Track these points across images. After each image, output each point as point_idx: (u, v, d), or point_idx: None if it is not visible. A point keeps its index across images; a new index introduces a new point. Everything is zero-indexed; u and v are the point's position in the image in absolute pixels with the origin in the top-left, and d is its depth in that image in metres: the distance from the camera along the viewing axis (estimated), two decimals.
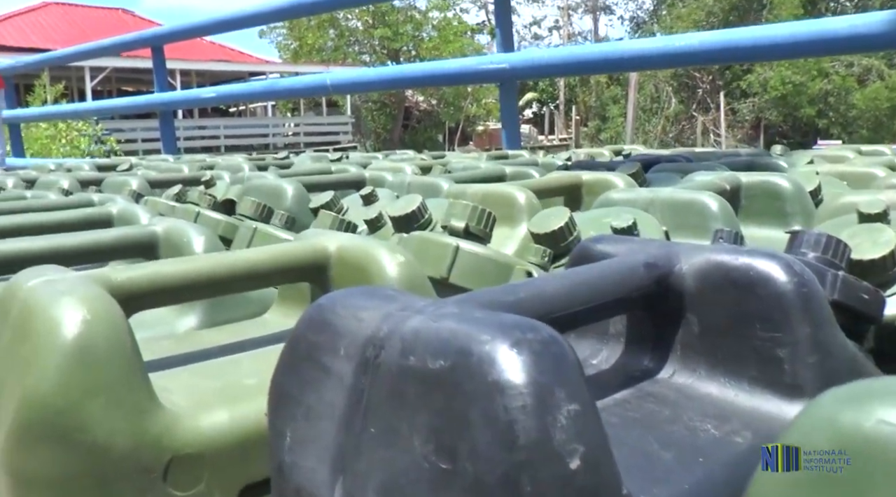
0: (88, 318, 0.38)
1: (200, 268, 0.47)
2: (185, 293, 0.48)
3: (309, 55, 24.88)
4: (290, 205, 1.08)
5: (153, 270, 0.46)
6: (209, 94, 3.95)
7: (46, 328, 0.38)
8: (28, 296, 0.41)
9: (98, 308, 0.39)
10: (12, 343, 0.40)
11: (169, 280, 0.46)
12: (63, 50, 5.21)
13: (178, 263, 0.48)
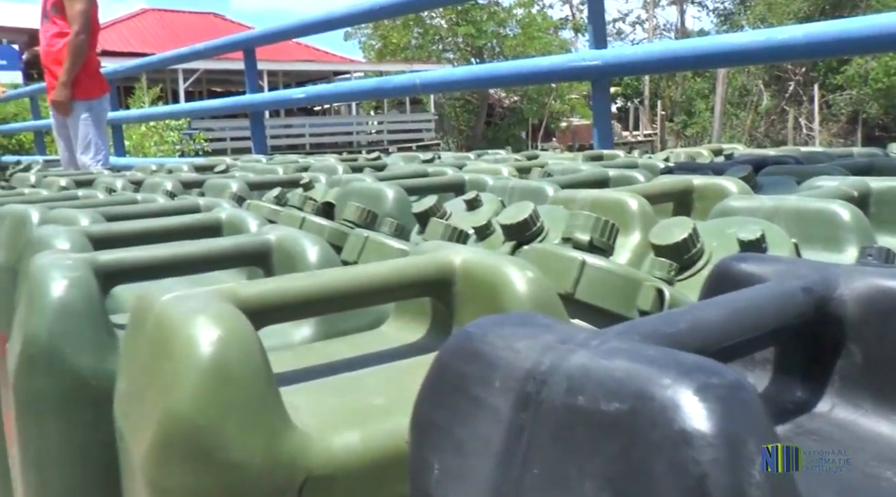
0: (224, 336, 0.38)
1: (326, 283, 0.47)
2: (311, 308, 0.48)
3: (393, 54, 25.14)
4: (390, 209, 1.08)
5: (279, 286, 0.46)
6: (299, 95, 4.02)
7: (184, 347, 0.38)
8: (163, 311, 0.41)
9: (232, 326, 0.39)
10: (152, 359, 0.40)
11: (295, 295, 0.45)
12: (163, 53, 5.39)
13: (304, 279, 0.48)
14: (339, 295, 0.47)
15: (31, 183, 2.02)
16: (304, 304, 0.46)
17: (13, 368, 0.56)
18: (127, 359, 0.46)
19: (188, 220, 0.85)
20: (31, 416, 0.56)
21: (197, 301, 0.41)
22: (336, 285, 0.47)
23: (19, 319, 0.58)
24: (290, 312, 0.47)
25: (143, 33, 21.31)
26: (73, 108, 4.26)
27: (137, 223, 0.83)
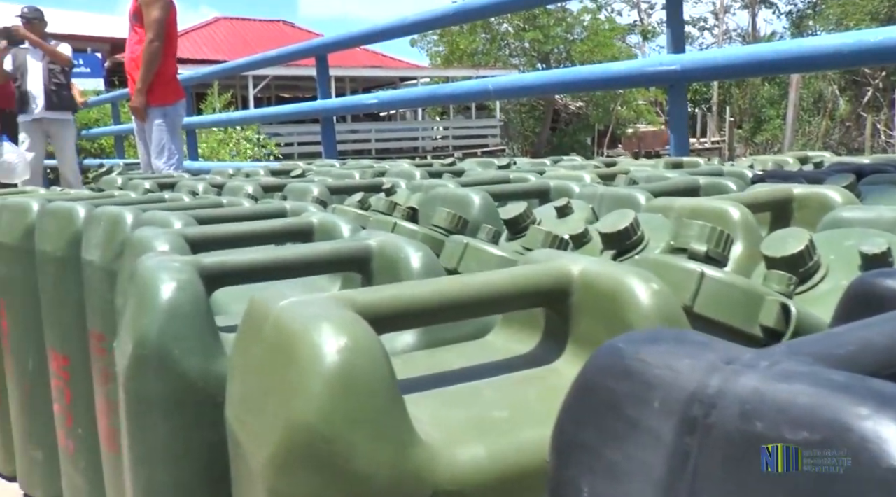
0: (350, 345, 0.37)
1: (444, 291, 0.46)
2: (430, 317, 0.47)
3: (459, 60, 25.20)
4: (477, 215, 1.06)
5: (396, 293, 0.45)
6: (371, 101, 4.05)
7: (309, 354, 0.37)
8: (281, 317, 0.41)
9: (357, 334, 0.38)
10: (272, 365, 0.40)
11: (414, 303, 0.44)
12: (240, 60, 5.50)
13: (420, 286, 0.47)
14: (458, 304, 0.46)
15: (117, 185, 2.07)
16: (423, 313, 0.45)
17: (124, 368, 0.57)
18: (240, 363, 0.46)
19: (280, 223, 0.85)
20: (140, 414, 0.56)
21: (316, 307, 0.40)
22: (454, 294, 0.46)
23: (129, 320, 0.58)
24: (408, 320, 0.46)
25: (215, 41, 21.85)
26: (149, 113, 4.38)
27: (232, 226, 0.84)
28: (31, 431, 1.56)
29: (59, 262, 1.34)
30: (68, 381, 1.39)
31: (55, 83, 5.99)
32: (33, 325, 1.48)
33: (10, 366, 1.59)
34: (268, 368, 0.40)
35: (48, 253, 1.37)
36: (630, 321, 0.45)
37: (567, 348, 0.49)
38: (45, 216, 1.40)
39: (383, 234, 0.68)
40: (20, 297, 1.51)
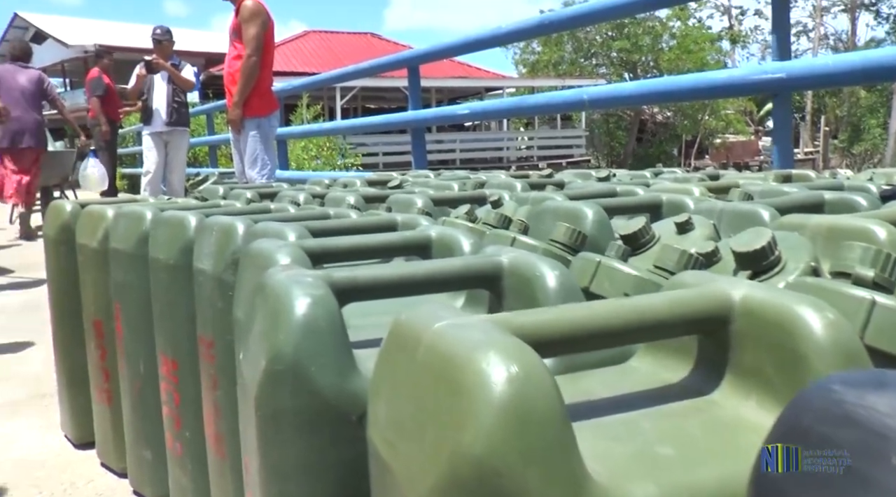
0: (521, 373, 0.35)
1: (601, 315, 0.43)
2: (587, 342, 0.44)
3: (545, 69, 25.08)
4: (591, 230, 1.03)
5: (554, 317, 0.43)
6: (462, 111, 4.05)
7: (477, 383, 0.35)
8: (439, 341, 0.39)
9: (527, 362, 0.36)
10: (431, 392, 0.38)
11: (572, 328, 0.42)
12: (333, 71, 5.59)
13: (577, 310, 0.44)
14: (618, 329, 0.43)
15: (220, 195, 2.12)
16: (584, 338, 0.43)
17: (256, 382, 0.56)
18: (387, 384, 0.44)
19: (398, 237, 0.84)
20: (273, 429, 0.56)
21: (477, 331, 0.38)
22: (614, 319, 0.43)
23: (261, 334, 0.58)
24: (568, 346, 0.44)
25: (305, 54, 22.38)
26: (244, 125, 4.50)
27: (350, 239, 0.84)
28: (141, 431, 1.60)
29: (171, 269, 1.37)
30: (177, 385, 1.42)
31: (177, 101, 6.58)
32: (145, 329, 1.52)
33: (124, 367, 1.64)
34: (425, 394, 0.39)
35: (161, 260, 1.40)
36: (804, 354, 0.41)
37: (726, 379, 0.46)
38: (159, 225, 1.43)
39: (513, 250, 0.66)
40: (134, 301, 1.56)
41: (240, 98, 4.42)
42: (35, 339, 3.10)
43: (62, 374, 2.04)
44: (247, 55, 4.35)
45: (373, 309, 0.69)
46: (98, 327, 1.79)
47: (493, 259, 0.64)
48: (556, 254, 0.84)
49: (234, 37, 4.50)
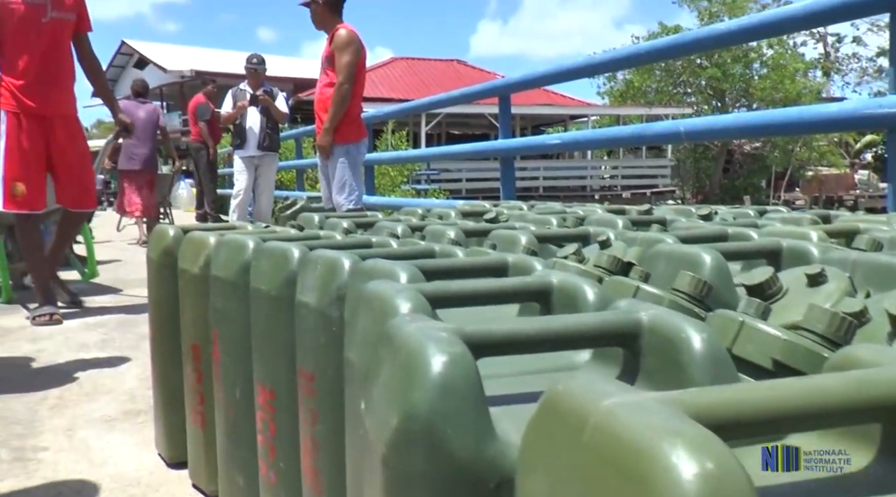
0: (716, 472, 0.31)
1: (785, 397, 0.39)
2: (770, 427, 0.40)
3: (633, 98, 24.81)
4: (709, 278, 0.98)
5: (735, 398, 0.38)
6: (553, 141, 4.02)
7: (669, 481, 0.31)
8: (613, 423, 0.36)
9: (721, 458, 0.32)
10: (607, 482, 0.35)
11: (756, 412, 0.38)
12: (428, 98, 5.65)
13: (767, 390, 0.40)
14: (803, 414, 0.39)
15: (316, 223, 2.14)
16: (767, 423, 0.39)
17: (385, 440, 0.54)
18: (541, 461, 0.41)
19: (519, 283, 0.81)
20: (404, 489, 0.53)
21: (656, 414, 0.35)
22: (799, 401, 0.39)
23: (391, 389, 0.56)
24: (750, 431, 0.39)
25: (392, 80, 22.77)
26: (333, 151, 4.57)
27: (469, 284, 0.81)
28: (234, 457, 1.61)
29: (273, 300, 1.37)
30: (274, 415, 1.42)
31: (269, 127, 7.00)
32: (243, 357, 1.53)
33: (219, 392, 1.65)
34: (596, 481, 0.35)
35: (262, 290, 1.41)
36: None
37: None
38: (261, 255, 1.44)
39: (650, 306, 0.62)
40: (232, 329, 1.57)
41: (330, 125, 4.50)
42: (130, 354, 3.19)
43: (158, 393, 2.08)
44: (339, 83, 4.44)
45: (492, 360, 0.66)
46: (195, 351, 1.82)
47: (631, 316, 0.60)
48: (682, 305, 0.80)
49: (327, 64, 4.59)
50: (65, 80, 3.85)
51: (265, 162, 7.04)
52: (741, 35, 3.07)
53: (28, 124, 3.74)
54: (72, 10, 3.85)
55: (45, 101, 3.76)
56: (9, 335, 3.63)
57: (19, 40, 3.68)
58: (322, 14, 4.58)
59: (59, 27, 3.77)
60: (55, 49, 3.77)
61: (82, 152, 3.98)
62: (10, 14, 3.65)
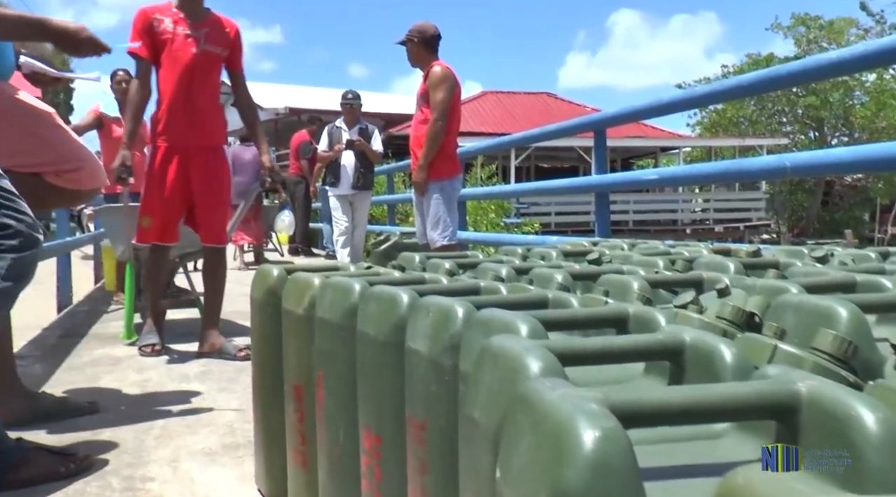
0: None
1: None
2: None
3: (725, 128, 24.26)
4: (847, 336, 0.91)
5: None
6: (650, 176, 3.93)
7: None
8: None
9: None
10: None
11: None
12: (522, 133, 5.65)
13: None
14: None
15: (416, 263, 2.13)
16: None
17: None
18: None
19: (651, 341, 0.78)
20: None
21: None
22: None
23: (538, 464, 0.53)
24: None
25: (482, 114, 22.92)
26: (428, 187, 4.60)
27: (599, 342, 0.78)
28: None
29: (381, 345, 1.37)
30: (380, 461, 1.41)
31: (364, 167, 7.15)
32: (348, 400, 1.53)
33: (322, 434, 1.66)
34: None
35: (370, 335, 1.41)
36: None
37: None
38: (369, 299, 1.44)
39: (807, 375, 0.58)
40: (337, 371, 1.58)
41: (425, 161, 4.54)
42: (229, 386, 3.26)
43: (259, 430, 2.11)
44: (433, 119, 4.48)
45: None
46: (298, 391, 1.83)
47: (789, 388, 0.56)
48: (826, 369, 0.75)
49: (422, 101, 4.64)
50: (210, 113, 3.80)
51: (359, 199, 7.20)
52: (857, 63, 2.93)
53: (170, 156, 3.72)
54: (225, 45, 3.80)
55: (189, 133, 3.72)
56: (118, 364, 3.77)
57: (169, 72, 3.67)
58: (418, 52, 4.65)
59: (210, 60, 3.74)
60: (203, 82, 3.73)
61: (222, 187, 3.89)
62: (163, 45, 3.66)
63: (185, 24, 3.68)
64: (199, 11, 3.76)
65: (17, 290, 1.99)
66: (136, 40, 3.59)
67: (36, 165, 2.40)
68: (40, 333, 4.95)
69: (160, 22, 3.65)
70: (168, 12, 3.70)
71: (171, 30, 3.65)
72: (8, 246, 1.93)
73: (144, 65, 3.68)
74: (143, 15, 3.65)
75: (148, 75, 3.70)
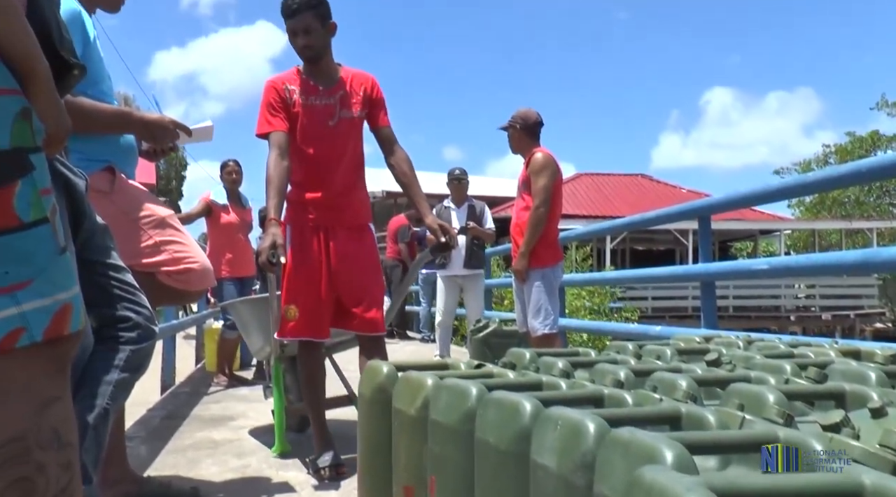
0: None
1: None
2: None
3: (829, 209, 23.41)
4: None
5: None
6: (761, 266, 3.77)
7: None
8: None
9: None
10: None
11: None
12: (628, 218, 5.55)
13: None
14: None
15: (526, 361, 2.08)
16: None
17: None
18: None
19: (827, 483, 0.71)
20: None
21: None
22: None
23: None
24: None
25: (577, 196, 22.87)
26: (529, 275, 4.55)
27: (769, 480, 0.72)
28: None
29: (502, 455, 1.32)
30: None
31: (475, 244, 6.93)
32: None
33: None
34: None
35: (490, 443, 1.36)
36: None
37: None
38: (488, 405, 1.40)
39: None
40: (452, 476, 1.53)
41: (526, 249, 4.50)
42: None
43: None
44: (535, 206, 4.46)
45: None
46: (409, 493, 1.79)
47: None
48: None
49: (524, 188, 4.64)
50: (353, 188, 3.32)
51: (470, 280, 7.00)
52: None
53: (310, 239, 3.25)
54: (363, 105, 3.31)
55: (329, 212, 3.26)
56: (218, 448, 3.80)
57: (304, 147, 3.25)
58: (520, 138, 4.68)
59: (349, 128, 3.28)
60: (342, 154, 3.26)
61: (370, 267, 3.33)
62: (295, 119, 3.25)
63: (317, 91, 3.26)
64: (331, 73, 3.30)
65: (134, 380, 2.04)
66: (268, 116, 3.23)
67: (150, 266, 2.50)
68: (145, 414, 5.07)
69: (291, 92, 3.25)
70: (297, 81, 3.28)
71: (303, 101, 3.24)
72: (127, 338, 2.00)
73: (279, 137, 3.20)
74: (273, 87, 3.26)
75: (284, 146, 3.20)
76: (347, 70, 3.33)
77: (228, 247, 6.51)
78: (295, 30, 3.12)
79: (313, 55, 3.19)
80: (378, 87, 3.35)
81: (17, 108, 1.25)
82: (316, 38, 3.13)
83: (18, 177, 1.24)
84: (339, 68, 3.31)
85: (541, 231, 4.50)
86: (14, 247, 1.24)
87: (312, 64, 3.23)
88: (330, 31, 3.18)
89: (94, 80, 2.38)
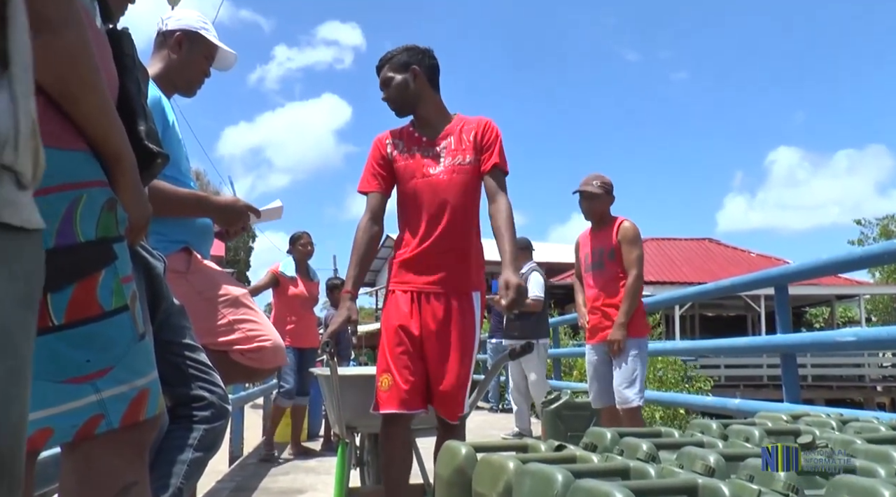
0: None
1: None
2: None
3: None
4: None
5: None
6: (847, 338, 3.61)
7: None
8: None
9: None
10: None
11: None
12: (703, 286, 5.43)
13: None
14: None
15: (607, 441, 2.00)
16: None
17: None
18: None
19: None
20: None
21: None
22: None
23: None
24: None
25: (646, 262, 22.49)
26: (625, 345, 4.42)
27: None
28: None
29: None
30: None
31: (536, 313, 6.99)
32: None
33: None
34: None
35: None
36: None
37: None
38: (577, 494, 1.34)
39: None
40: None
41: (626, 318, 4.40)
42: None
43: None
44: (635, 276, 4.41)
45: None
46: None
47: None
48: None
49: (610, 259, 4.53)
50: (455, 247, 2.93)
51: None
52: None
53: (405, 304, 2.94)
54: (473, 149, 2.97)
55: (424, 274, 2.93)
56: None
57: (404, 203, 2.99)
58: (603, 203, 4.63)
59: (456, 179, 2.94)
60: (445, 206, 2.91)
61: (461, 345, 2.91)
62: (396, 172, 3.01)
63: (420, 142, 3.00)
64: (435, 122, 3.04)
65: (208, 458, 2.04)
66: (368, 175, 3.04)
67: (224, 345, 2.51)
68: (215, 485, 5.08)
69: (394, 146, 3.02)
70: (404, 134, 3.06)
71: (406, 153, 2.99)
72: (201, 417, 2.00)
73: (374, 199, 2.98)
74: (375, 143, 3.07)
75: (378, 211, 2.99)
76: (462, 118, 3.05)
77: (292, 317, 6.56)
78: (380, 87, 3.04)
79: (396, 107, 3.04)
80: (491, 129, 2.99)
81: (103, 200, 1.28)
82: (394, 90, 2.99)
83: (103, 267, 1.26)
84: (450, 117, 3.06)
85: (639, 301, 4.46)
86: (96, 335, 1.25)
87: (402, 115, 3.06)
88: (416, 77, 2.98)
89: (173, 161, 2.44)
